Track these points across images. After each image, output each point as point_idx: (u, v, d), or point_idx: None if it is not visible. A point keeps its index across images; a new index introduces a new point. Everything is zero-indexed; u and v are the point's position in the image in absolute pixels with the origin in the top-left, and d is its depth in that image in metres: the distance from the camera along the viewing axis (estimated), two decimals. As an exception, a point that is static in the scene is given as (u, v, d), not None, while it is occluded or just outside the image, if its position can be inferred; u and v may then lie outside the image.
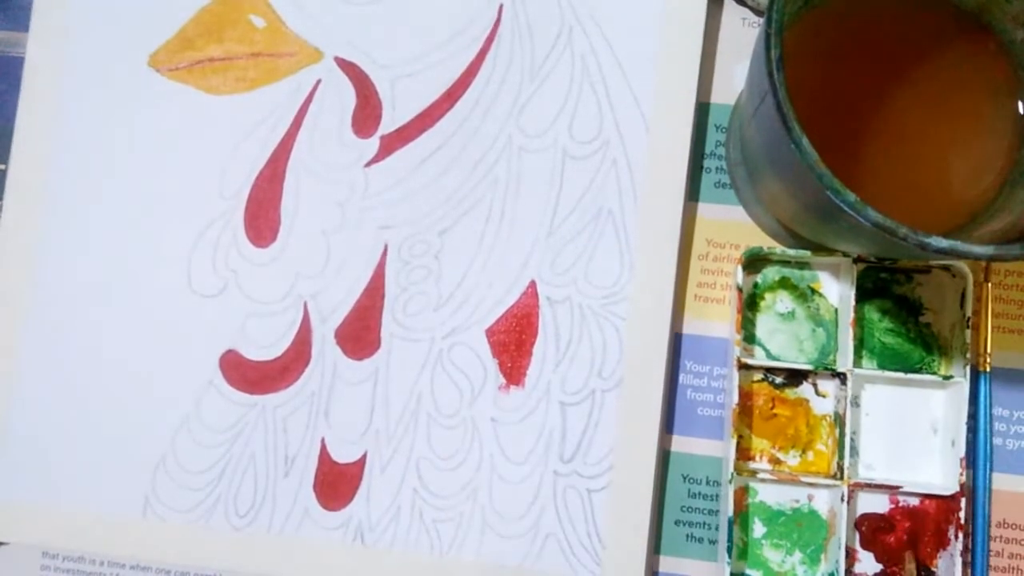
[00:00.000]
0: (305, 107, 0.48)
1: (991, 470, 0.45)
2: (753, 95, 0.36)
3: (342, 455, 0.46)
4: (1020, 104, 0.40)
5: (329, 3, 0.48)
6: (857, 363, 0.46)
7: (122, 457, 0.47)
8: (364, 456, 0.46)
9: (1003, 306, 0.46)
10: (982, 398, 0.45)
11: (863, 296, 0.46)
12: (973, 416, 0.45)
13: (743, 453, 0.46)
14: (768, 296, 0.47)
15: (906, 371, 0.45)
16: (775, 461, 0.46)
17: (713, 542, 0.46)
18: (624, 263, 0.46)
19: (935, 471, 0.45)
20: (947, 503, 0.45)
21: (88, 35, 0.49)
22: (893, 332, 0.46)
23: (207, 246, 0.48)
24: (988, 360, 0.45)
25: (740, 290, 0.45)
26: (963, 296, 0.45)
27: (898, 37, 0.40)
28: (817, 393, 0.46)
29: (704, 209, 0.48)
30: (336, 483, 0.46)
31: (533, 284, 0.46)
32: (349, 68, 0.48)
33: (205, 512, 0.46)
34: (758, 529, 0.46)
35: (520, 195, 0.47)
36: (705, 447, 0.47)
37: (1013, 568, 0.45)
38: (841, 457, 0.44)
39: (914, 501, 0.45)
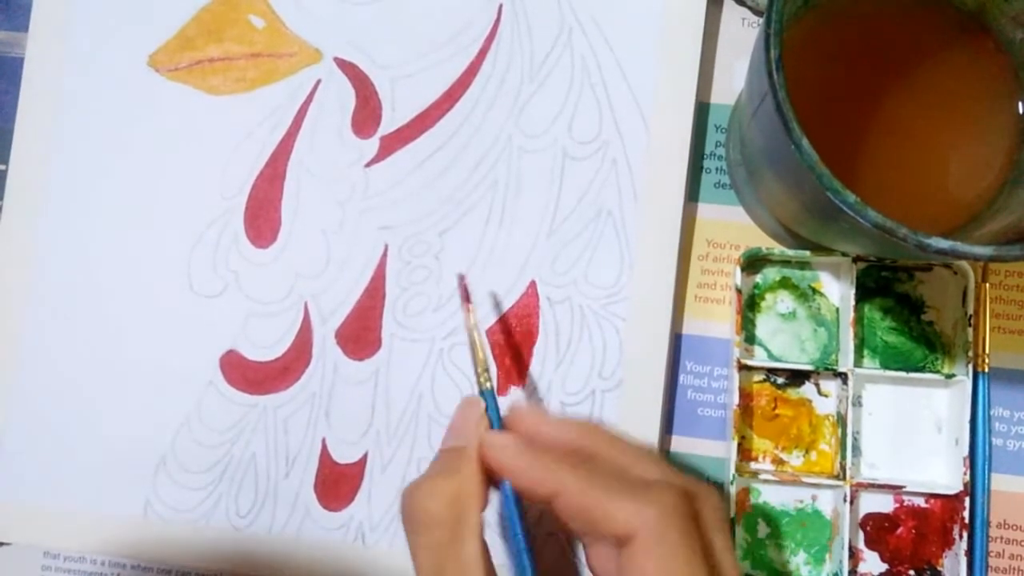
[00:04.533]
0: (305, 107, 0.48)
1: (990, 470, 0.45)
2: (753, 95, 0.36)
3: (343, 455, 0.46)
4: (1020, 104, 0.40)
5: (329, 3, 0.48)
6: (859, 362, 0.46)
7: (123, 457, 0.47)
8: (365, 456, 0.46)
9: (1003, 306, 0.46)
10: (980, 399, 0.45)
11: (865, 295, 0.46)
12: (972, 417, 0.45)
13: (745, 454, 0.46)
14: (769, 296, 0.47)
15: (908, 370, 0.45)
16: (778, 461, 0.46)
17: (714, 542, 0.46)
18: (624, 263, 0.46)
19: (939, 470, 0.45)
20: (952, 502, 0.45)
21: (88, 35, 0.49)
22: (895, 331, 0.46)
23: (207, 246, 0.48)
24: (986, 361, 0.45)
25: (739, 291, 0.45)
26: (965, 294, 0.45)
27: (898, 37, 0.40)
28: (819, 393, 0.46)
29: (704, 209, 0.48)
30: (337, 483, 0.46)
31: (533, 284, 0.46)
32: (349, 68, 0.48)
33: (206, 512, 0.46)
34: (762, 529, 0.46)
35: (520, 195, 0.47)
36: (706, 447, 0.47)
37: (1013, 569, 0.45)
38: (844, 457, 0.44)
39: (919, 500, 0.45)
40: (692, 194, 0.48)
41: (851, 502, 0.44)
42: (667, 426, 0.47)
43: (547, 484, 0.34)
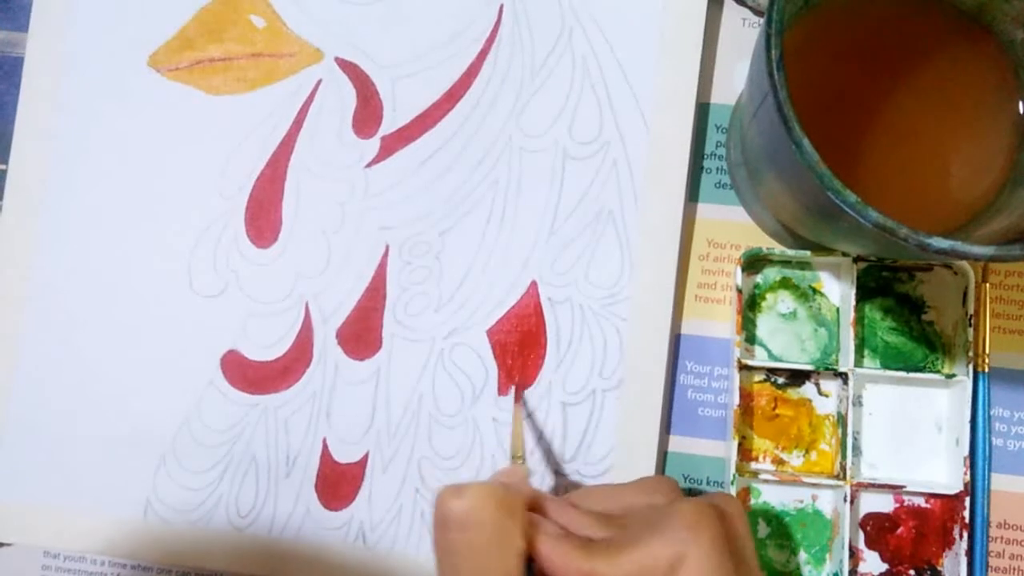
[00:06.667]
0: (306, 107, 0.48)
1: (990, 470, 0.45)
2: (753, 95, 0.36)
3: (344, 455, 0.46)
4: (1020, 104, 0.40)
5: (329, 3, 0.48)
6: (859, 362, 0.46)
7: (123, 458, 0.47)
8: (366, 456, 0.46)
9: (1003, 306, 0.46)
10: (980, 399, 0.45)
11: (865, 295, 0.46)
12: (972, 417, 0.45)
13: (745, 454, 0.46)
14: (769, 296, 0.47)
15: (909, 370, 0.45)
16: (778, 461, 0.46)
17: (715, 542, 0.46)
18: (625, 263, 0.46)
19: (940, 470, 0.45)
20: (952, 502, 0.45)
21: (88, 35, 0.49)
22: (896, 331, 0.46)
23: (208, 246, 0.48)
24: (986, 361, 0.45)
25: (740, 291, 0.45)
26: (965, 294, 0.45)
27: (898, 37, 0.40)
28: (820, 393, 0.46)
29: (704, 209, 0.48)
30: (338, 483, 0.46)
31: (534, 284, 0.46)
32: (350, 68, 0.48)
33: (206, 512, 0.46)
34: (762, 529, 0.46)
35: (521, 196, 0.47)
36: (706, 447, 0.47)
37: (1013, 569, 0.45)
38: (844, 457, 0.44)
39: (919, 500, 0.45)
40: (693, 194, 0.48)
41: (851, 502, 0.44)
42: (667, 426, 0.47)
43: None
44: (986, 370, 0.45)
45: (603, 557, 0.34)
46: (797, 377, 0.46)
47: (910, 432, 0.46)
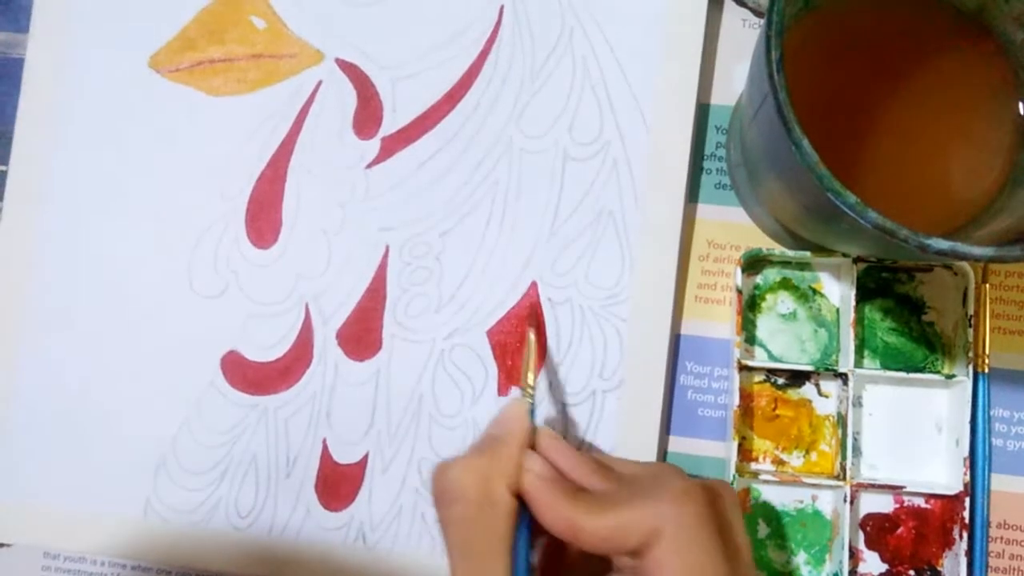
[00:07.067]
0: (306, 108, 0.48)
1: (990, 470, 0.45)
2: (754, 96, 0.36)
3: (344, 456, 0.46)
4: (1020, 104, 0.40)
5: (330, 4, 0.48)
6: (859, 363, 0.46)
7: (123, 458, 0.47)
8: (366, 457, 0.46)
9: (1002, 307, 0.46)
10: (980, 399, 0.45)
11: (865, 295, 0.46)
12: (972, 417, 0.45)
13: (745, 454, 0.46)
14: (769, 297, 0.47)
15: (909, 370, 0.45)
16: (778, 462, 0.46)
17: (715, 543, 0.46)
18: (625, 264, 0.46)
19: (940, 470, 0.45)
20: (952, 503, 0.45)
21: (88, 36, 0.49)
22: (896, 331, 0.46)
23: (208, 247, 0.48)
24: (986, 361, 0.45)
25: (740, 292, 0.45)
26: (965, 294, 0.45)
27: (898, 38, 0.40)
28: (820, 393, 0.46)
29: (704, 210, 0.48)
30: (338, 484, 0.46)
31: (534, 285, 0.46)
32: (350, 69, 0.48)
33: (207, 513, 0.46)
34: (762, 530, 0.46)
35: (521, 197, 0.47)
36: (706, 448, 0.47)
37: (1013, 569, 0.45)
38: (844, 457, 0.44)
39: (919, 500, 0.45)
40: (692, 195, 0.48)
41: (851, 502, 0.44)
42: (667, 426, 0.47)
43: (562, 528, 0.35)
44: (986, 370, 0.45)
45: (587, 510, 0.34)
46: (797, 378, 0.46)
47: (910, 433, 0.46)
